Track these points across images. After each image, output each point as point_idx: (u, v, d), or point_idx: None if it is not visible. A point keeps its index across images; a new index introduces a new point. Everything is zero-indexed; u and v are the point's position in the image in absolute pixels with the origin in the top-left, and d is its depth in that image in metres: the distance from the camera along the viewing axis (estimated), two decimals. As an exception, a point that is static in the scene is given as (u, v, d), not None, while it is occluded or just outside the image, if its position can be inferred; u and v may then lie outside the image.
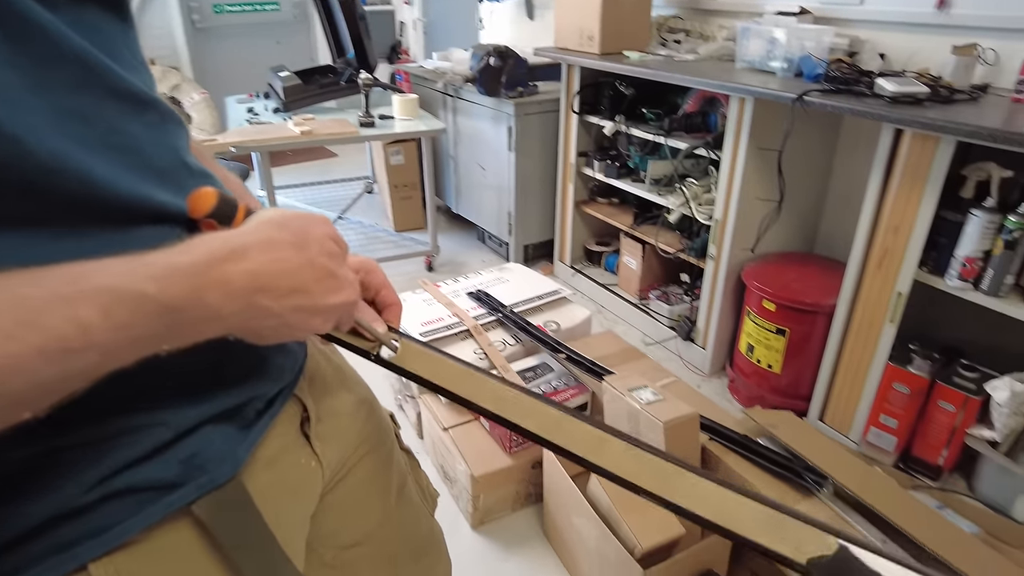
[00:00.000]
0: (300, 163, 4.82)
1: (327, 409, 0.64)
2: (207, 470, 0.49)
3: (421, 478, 0.85)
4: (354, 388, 0.71)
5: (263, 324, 0.45)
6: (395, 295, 0.64)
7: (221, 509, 0.49)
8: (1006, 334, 1.60)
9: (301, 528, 0.60)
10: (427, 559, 0.84)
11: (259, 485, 0.53)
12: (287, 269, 0.45)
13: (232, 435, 0.52)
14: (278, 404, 0.57)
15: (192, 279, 0.40)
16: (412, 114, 2.84)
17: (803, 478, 1.26)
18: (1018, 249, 1.44)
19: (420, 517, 0.83)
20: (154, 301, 0.38)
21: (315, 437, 0.61)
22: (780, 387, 2.01)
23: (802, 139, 1.95)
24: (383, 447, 0.75)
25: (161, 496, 0.47)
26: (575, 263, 2.95)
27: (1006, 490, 1.55)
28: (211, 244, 0.42)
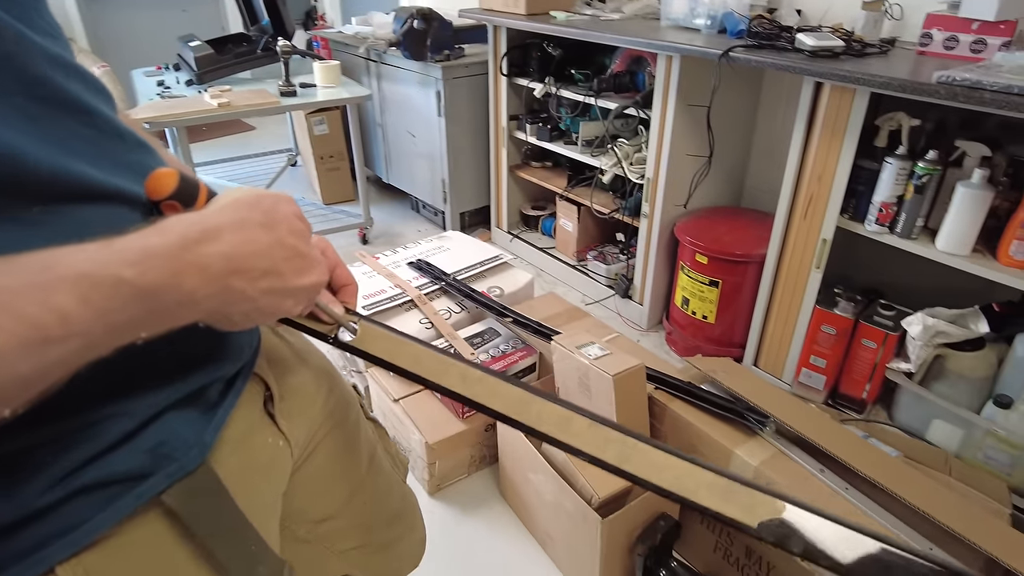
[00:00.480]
0: (216, 138, 4.58)
1: (289, 387, 0.63)
2: (175, 458, 0.47)
3: (390, 446, 0.85)
4: (312, 362, 0.70)
5: (236, 309, 0.44)
6: (350, 274, 0.62)
7: (192, 496, 0.48)
8: (918, 273, 1.72)
9: (274, 508, 0.60)
10: (401, 525, 0.85)
11: (228, 468, 0.52)
12: (259, 250, 0.44)
13: (197, 419, 0.50)
14: (240, 383, 0.56)
15: (169, 262, 0.39)
16: (335, 81, 2.74)
17: (746, 419, 1.33)
18: (926, 193, 1.54)
19: (392, 485, 0.83)
20: (131, 286, 0.37)
21: (280, 415, 0.60)
22: (715, 337, 2.10)
23: (727, 95, 2.00)
24: (349, 419, 0.74)
25: (130, 488, 0.45)
26: (512, 228, 2.96)
27: (921, 416, 1.69)
28: (183, 226, 0.41)
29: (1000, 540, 1.05)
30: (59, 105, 0.43)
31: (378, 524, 0.80)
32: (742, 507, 0.48)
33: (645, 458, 0.52)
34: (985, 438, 1.55)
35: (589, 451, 0.53)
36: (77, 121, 0.45)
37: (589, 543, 1.29)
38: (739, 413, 1.35)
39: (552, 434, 0.54)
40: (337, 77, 2.75)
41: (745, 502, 0.48)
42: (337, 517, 0.72)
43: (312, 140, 3.29)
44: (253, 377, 0.58)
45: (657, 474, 0.51)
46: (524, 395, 0.56)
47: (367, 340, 0.60)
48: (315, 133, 3.28)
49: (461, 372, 0.58)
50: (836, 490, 1.17)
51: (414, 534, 0.90)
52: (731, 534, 1.34)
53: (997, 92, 1.27)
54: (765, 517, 0.47)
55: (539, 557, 1.50)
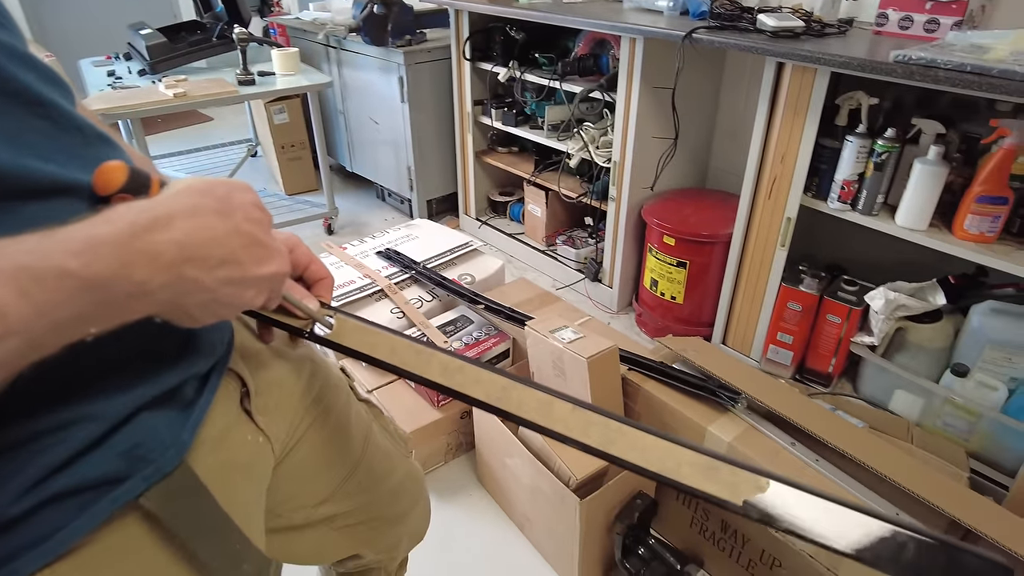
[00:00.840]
0: (172, 130, 4.46)
1: (265, 381, 0.62)
2: (152, 459, 0.46)
3: (387, 424, 0.86)
4: (291, 352, 0.69)
5: (193, 300, 0.42)
6: (324, 268, 0.61)
7: (172, 498, 0.47)
8: (879, 248, 1.77)
9: (257, 505, 0.59)
10: (406, 500, 0.86)
11: (208, 468, 0.51)
12: (214, 237, 0.42)
13: (173, 419, 0.49)
14: (215, 379, 0.54)
15: (116, 251, 0.36)
16: (294, 69, 2.69)
17: (718, 396, 1.35)
18: (886, 170, 1.57)
19: (393, 461, 0.83)
20: (76, 277, 0.35)
21: (257, 412, 0.59)
22: (684, 317, 2.13)
23: (691, 77, 2.02)
24: (338, 402, 0.73)
25: (104, 493, 0.43)
26: (480, 215, 2.95)
27: (884, 387, 1.74)
28: (132, 213, 0.39)
29: (960, 502, 1.09)
30: (10, 96, 0.41)
31: (381, 501, 0.81)
32: (726, 485, 0.49)
33: (628, 440, 0.52)
34: (944, 406, 1.60)
35: (572, 435, 0.53)
36: (30, 113, 0.43)
37: (568, 524, 1.31)
38: (711, 391, 1.37)
39: (535, 420, 0.54)
40: (296, 65, 2.69)
41: (729, 480, 0.49)
42: (335, 497, 0.73)
43: (272, 129, 3.22)
44: (228, 373, 0.57)
45: (640, 455, 0.51)
46: (505, 382, 0.56)
47: (344, 334, 0.59)
48: (275, 122, 3.21)
49: (441, 362, 0.58)
50: (807, 462, 1.20)
51: (419, 507, 0.91)
52: (707, 510, 1.36)
53: (950, 70, 1.30)
54: (749, 495, 0.48)
55: (518, 541, 1.52)
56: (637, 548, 1.35)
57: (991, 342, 1.54)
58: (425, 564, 1.47)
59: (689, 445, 0.51)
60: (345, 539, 0.79)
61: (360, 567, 0.93)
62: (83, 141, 0.47)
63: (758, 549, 1.28)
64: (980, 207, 1.44)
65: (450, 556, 1.49)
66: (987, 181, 1.43)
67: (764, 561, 1.27)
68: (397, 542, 0.90)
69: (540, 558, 1.47)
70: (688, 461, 0.50)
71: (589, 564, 1.38)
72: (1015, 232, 1.50)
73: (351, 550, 0.84)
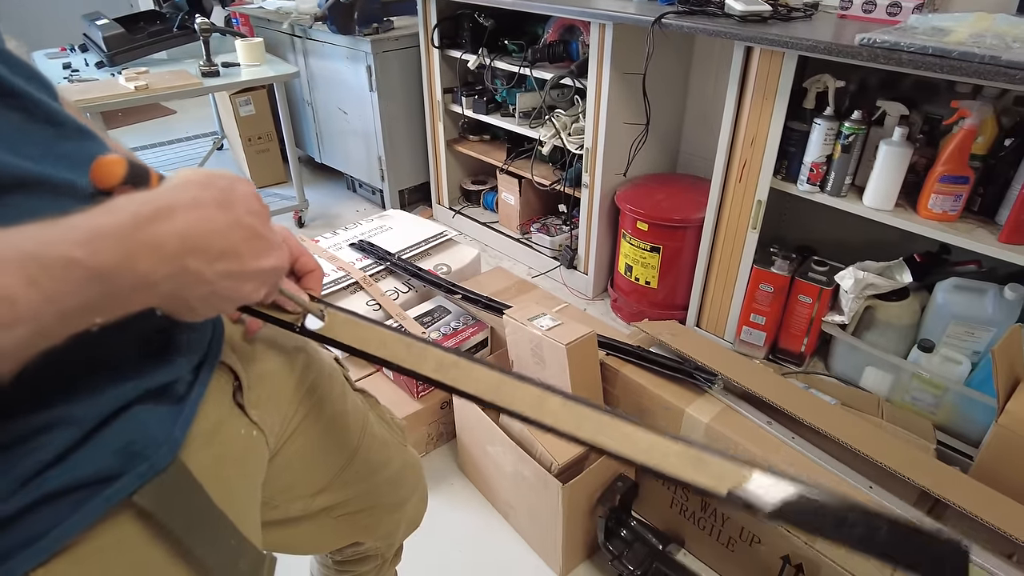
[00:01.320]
0: (133, 124, 4.34)
1: (257, 374, 0.61)
2: (146, 456, 0.46)
3: (383, 413, 0.86)
4: (283, 341, 0.68)
5: (193, 293, 0.42)
6: (314, 260, 0.61)
7: (165, 495, 0.47)
8: (848, 229, 1.80)
9: (252, 499, 0.59)
10: (406, 487, 0.86)
11: (201, 463, 0.50)
12: (215, 229, 0.42)
13: (165, 415, 0.48)
14: (206, 373, 0.54)
15: (121, 242, 0.36)
16: (259, 59, 2.63)
17: (695, 378, 1.37)
18: (853, 152, 1.60)
19: (390, 449, 0.83)
20: (82, 267, 0.34)
21: (249, 405, 0.58)
22: (658, 301, 2.15)
23: (660, 62, 2.03)
24: (333, 392, 0.73)
25: (98, 491, 0.43)
26: (454, 204, 2.94)
27: (855, 365, 1.79)
28: (134, 204, 0.38)
29: (929, 473, 1.13)
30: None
31: (379, 489, 0.81)
32: (712, 475, 0.50)
33: (618, 432, 0.53)
34: (911, 381, 1.65)
35: (565, 429, 0.54)
36: (1, 104, 0.42)
37: (551, 509, 1.32)
38: (688, 373, 1.39)
39: (528, 414, 0.55)
40: (261, 55, 2.63)
41: (715, 471, 0.50)
42: (332, 487, 0.73)
43: (238, 122, 3.16)
44: (220, 367, 0.56)
45: (630, 446, 0.52)
46: (499, 378, 0.57)
47: (335, 328, 0.59)
48: (241, 114, 3.15)
49: (436, 358, 0.58)
50: (783, 440, 1.23)
51: (416, 494, 0.92)
52: (686, 490, 1.39)
53: (913, 53, 1.33)
54: (734, 484, 0.49)
55: (502, 528, 1.53)
56: (619, 530, 1.37)
57: (955, 318, 1.59)
58: (409, 553, 1.47)
59: (676, 437, 0.52)
60: (344, 527, 0.80)
61: (357, 554, 0.93)
62: (59, 135, 0.46)
63: (737, 527, 1.30)
64: (943, 187, 1.48)
65: (434, 545, 1.49)
66: (949, 161, 1.47)
67: (743, 538, 1.30)
68: (395, 529, 0.91)
69: (524, 544, 1.49)
70: (675, 452, 0.51)
71: (572, 547, 1.39)
72: (976, 210, 1.55)
73: (350, 538, 0.84)
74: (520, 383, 0.56)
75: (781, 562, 1.24)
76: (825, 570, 1.17)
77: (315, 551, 0.92)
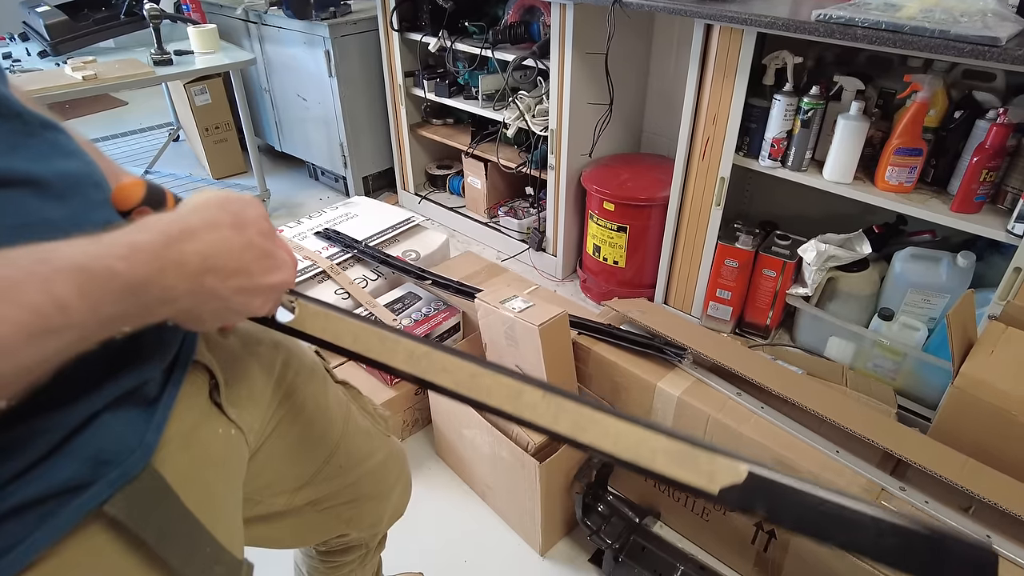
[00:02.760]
0: (83, 116, 4.19)
1: (235, 372, 0.60)
2: (117, 463, 0.45)
3: (366, 404, 0.85)
4: (261, 336, 0.67)
5: (207, 307, 0.44)
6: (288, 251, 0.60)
7: (138, 503, 0.46)
8: (809, 203, 1.84)
9: (234, 499, 0.58)
10: (390, 477, 0.86)
11: (177, 468, 0.49)
12: (231, 249, 0.45)
13: (136, 419, 0.47)
14: (178, 373, 0.53)
15: (153, 258, 0.40)
16: (213, 47, 2.56)
17: (665, 353, 1.39)
18: (812, 127, 1.64)
19: (373, 440, 0.83)
20: (122, 279, 0.38)
21: (228, 404, 0.57)
22: (627, 280, 2.18)
23: (622, 42, 2.03)
24: (313, 385, 0.72)
25: (67, 502, 0.42)
26: (419, 190, 2.91)
27: (819, 335, 1.84)
28: (164, 224, 0.42)
29: (891, 436, 1.17)
30: None
31: (364, 481, 0.81)
32: (702, 473, 0.47)
33: (600, 427, 0.50)
34: (873, 349, 1.70)
35: (543, 424, 0.52)
36: None
37: (529, 488, 1.34)
38: (658, 348, 1.41)
39: (504, 408, 0.53)
40: (215, 42, 2.56)
41: (705, 468, 0.47)
42: (315, 481, 0.73)
43: (194, 111, 3.07)
44: (195, 366, 0.55)
45: (613, 443, 0.50)
46: (474, 369, 0.54)
47: (306, 320, 0.58)
48: (197, 104, 3.06)
49: (407, 349, 0.56)
50: (752, 410, 1.26)
51: (400, 484, 0.92)
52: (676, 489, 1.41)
53: (868, 28, 1.36)
54: (726, 482, 0.46)
55: (480, 509, 1.54)
56: (596, 505, 1.39)
57: (912, 286, 1.64)
58: (389, 539, 1.47)
59: (664, 430, 0.49)
60: (329, 521, 0.79)
61: (342, 545, 0.93)
62: (24, 129, 0.45)
63: (710, 496, 1.34)
64: (898, 159, 1.52)
65: (414, 530, 1.49)
66: (903, 134, 1.51)
67: (717, 507, 1.33)
68: (380, 519, 0.90)
69: (503, 524, 1.50)
70: (663, 448, 0.48)
71: (551, 525, 1.41)
72: (929, 181, 1.60)
73: (335, 531, 0.84)
74: (496, 375, 0.54)
75: (754, 528, 1.28)
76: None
77: (300, 545, 0.91)
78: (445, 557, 1.44)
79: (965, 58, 1.28)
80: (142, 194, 0.48)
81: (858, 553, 0.44)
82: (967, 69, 1.52)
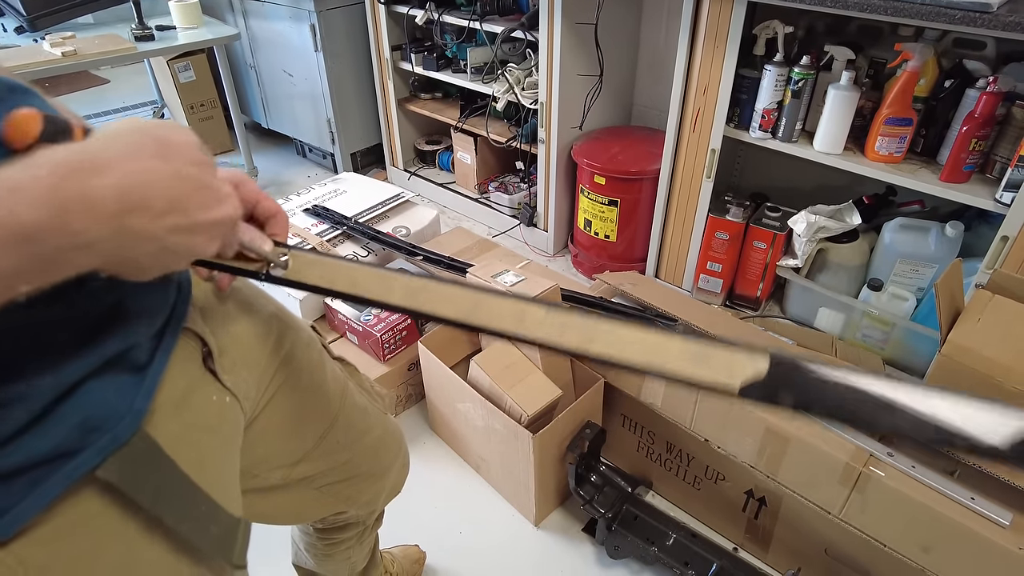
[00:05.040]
0: (64, 95, 4.11)
1: (230, 339, 0.59)
2: (107, 428, 0.44)
3: (363, 381, 0.85)
4: (259, 307, 0.66)
5: (140, 251, 0.39)
6: (275, 204, 0.58)
7: (131, 467, 0.45)
8: (800, 174, 1.85)
9: (231, 466, 0.57)
10: (388, 455, 0.86)
11: (171, 432, 0.49)
12: (156, 181, 0.38)
13: (125, 385, 0.46)
14: (168, 339, 0.51)
15: (47, 198, 0.33)
16: (196, 21, 2.51)
17: (656, 325, 1.40)
18: (803, 97, 1.63)
19: (371, 418, 0.82)
20: (3, 228, 0.32)
21: (222, 371, 0.56)
22: (618, 254, 2.18)
23: (611, 11, 2.01)
24: (310, 359, 0.71)
25: (56, 469, 0.41)
26: (409, 166, 2.89)
27: (809, 306, 1.85)
28: (58, 155, 0.35)
29: (881, 403, 1.18)
30: None
31: (361, 458, 0.80)
32: (720, 370, 0.45)
33: (610, 336, 0.49)
34: (862, 319, 1.72)
35: (550, 341, 0.50)
36: None
37: (523, 459, 1.35)
38: (649, 321, 1.42)
39: (509, 330, 0.51)
40: (198, 16, 2.51)
41: (723, 365, 0.46)
42: (312, 456, 0.72)
43: (178, 88, 3.03)
44: (186, 333, 0.54)
45: (623, 351, 0.48)
46: (475, 296, 0.53)
47: (301, 270, 0.56)
48: (181, 81, 3.01)
49: (404, 285, 0.55)
50: (742, 379, 1.27)
51: (398, 462, 0.91)
52: (652, 433, 1.43)
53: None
54: (747, 377, 0.44)
55: (475, 481, 1.56)
56: (589, 475, 1.41)
57: (901, 256, 1.65)
58: (386, 514, 1.49)
59: (677, 332, 0.48)
60: (326, 498, 0.79)
61: (339, 522, 0.93)
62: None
63: (703, 466, 1.35)
64: (888, 128, 1.52)
65: (409, 503, 1.51)
66: (893, 104, 1.51)
67: (709, 476, 1.35)
68: (377, 497, 0.90)
69: (498, 495, 1.52)
70: (676, 350, 0.47)
71: (545, 495, 1.43)
72: (919, 151, 1.60)
73: (332, 509, 0.84)
74: (497, 298, 0.53)
75: (745, 496, 1.30)
76: (787, 500, 1.23)
77: (297, 522, 0.91)
78: (440, 530, 1.45)
79: (956, 25, 1.27)
80: (39, 128, 0.38)
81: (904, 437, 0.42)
82: (958, 38, 1.52)
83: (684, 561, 1.27)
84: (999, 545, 0.97)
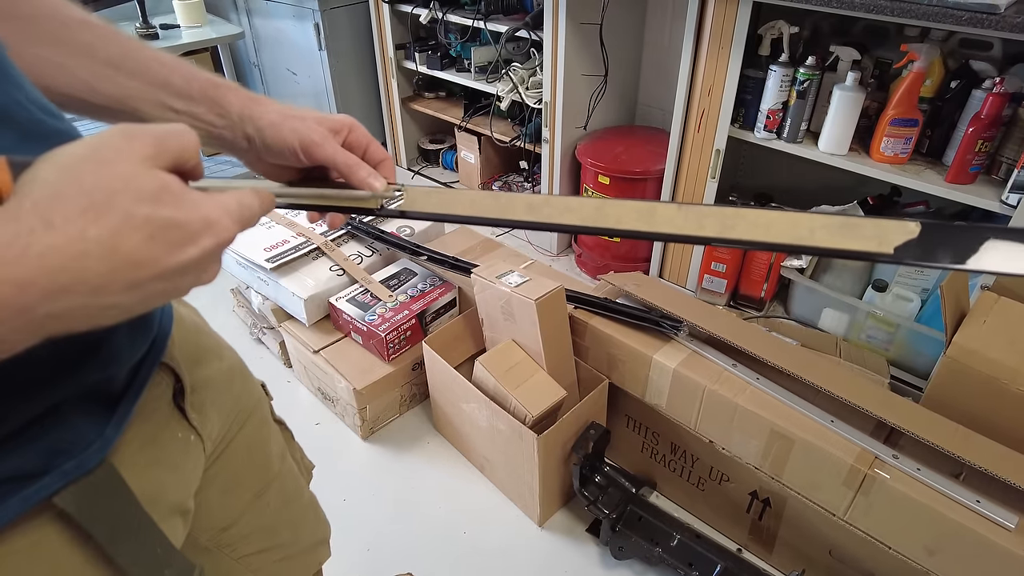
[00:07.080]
0: (67, 91, 4.11)
1: (201, 379, 0.58)
2: (73, 453, 0.42)
3: (295, 449, 0.81)
4: (225, 355, 0.65)
5: (107, 317, 0.33)
6: (383, 150, 0.59)
7: (90, 498, 0.43)
8: (804, 175, 1.84)
9: (183, 507, 0.55)
10: (306, 530, 0.81)
11: (134, 466, 0.47)
12: (93, 251, 0.31)
13: (98, 414, 0.45)
14: (145, 372, 0.50)
15: None
16: (199, 20, 2.51)
17: (661, 326, 1.40)
18: (808, 98, 1.63)
19: (300, 488, 0.80)
20: None
21: (191, 409, 0.55)
22: (621, 254, 2.18)
23: (616, 11, 2.01)
24: (257, 415, 0.70)
25: (15, 491, 0.40)
26: (412, 165, 2.89)
27: (813, 307, 1.85)
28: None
29: (885, 405, 1.18)
30: None
31: (284, 527, 0.76)
32: (869, 239, 0.46)
33: (747, 221, 0.49)
34: (866, 320, 1.72)
35: (686, 232, 0.50)
36: None
37: (527, 460, 1.35)
38: (654, 321, 1.42)
39: (641, 229, 0.51)
40: (202, 15, 2.52)
41: (871, 234, 0.46)
42: (240, 522, 0.69)
43: (182, 86, 3.03)
44: (161, 367, 0.53)
45: (766, 232, 0.48)
46: (597, 203, 0.54)
47: (417, 200, 0.57)
48: (184, 78, 3.01)
49: (525, 202, 0.55)
50: (748, 381, 1.27)
51: (316, 537, 0.86)
52: (656, 434, 1.43)
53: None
54: (899, 241, 0.45)
55: (479, 482, 1.56)
56: (594, 476, 1.41)
57: (906, 257, 1.65)
58: (389, 512, 1.49)
59: (818, 212, 0.48)
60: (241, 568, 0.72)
61: None
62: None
63: (707, 467, 1.36)
64: (894, 129, 1.52)
65: (415, 502, 1.51)
66: (899, 104, 1.50)
67: (713, 477, 1.35)
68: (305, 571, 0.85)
69: (502, 496, 1.52)
70: (820, 225, 0.47)
71: (549, 496, 1.43)
72: (924, 152, 1.60)
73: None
74: (621, 202, 0.53)
75: (749, 498, 1.30)
76: (791, 502, 1.23)
77: None
78: (444, 530, 1.46)
79: (963, 26, 1.27)
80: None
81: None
82: (964, 38, 1.51)
83: (688, 562, 1.28)
84: (1004, 548, 0.96)
